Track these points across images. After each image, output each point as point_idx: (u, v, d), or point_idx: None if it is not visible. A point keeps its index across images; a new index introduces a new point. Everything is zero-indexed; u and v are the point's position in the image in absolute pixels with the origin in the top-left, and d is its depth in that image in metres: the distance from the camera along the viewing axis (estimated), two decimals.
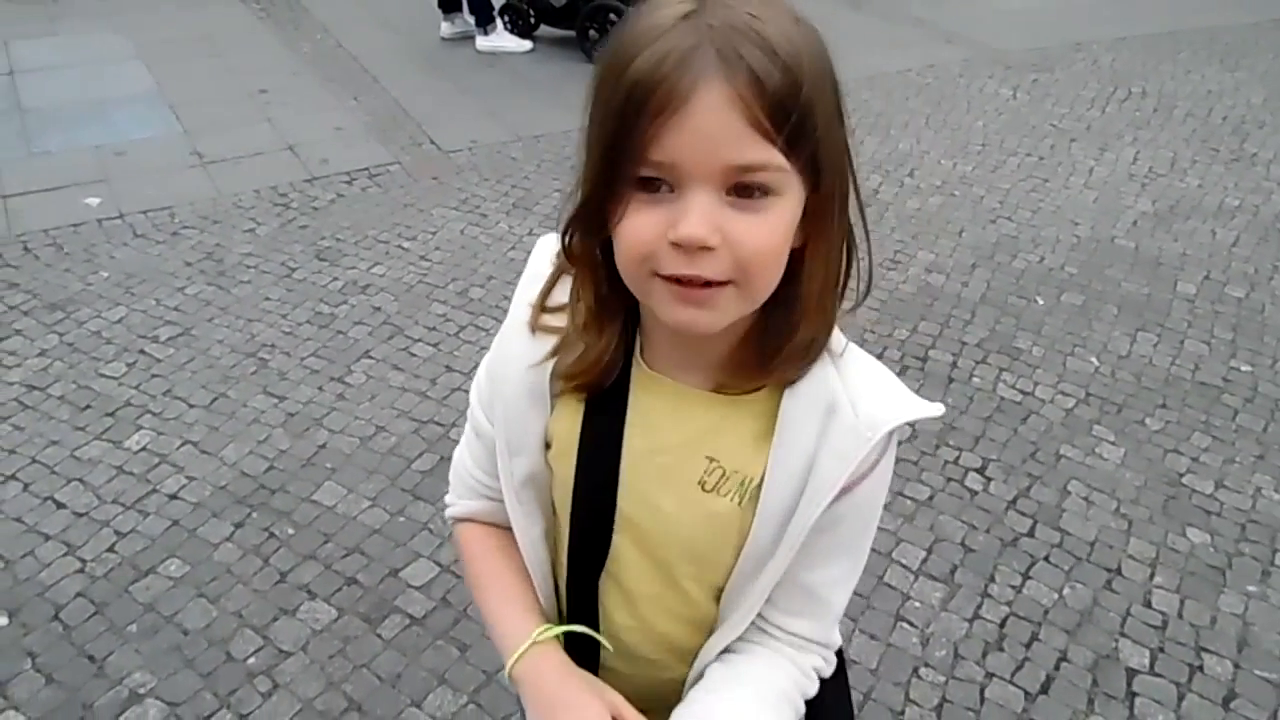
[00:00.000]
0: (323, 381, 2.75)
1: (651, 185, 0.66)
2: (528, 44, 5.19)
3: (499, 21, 5.14)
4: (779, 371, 0.76)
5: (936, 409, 0.79)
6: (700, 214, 0.65)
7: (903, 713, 1.93)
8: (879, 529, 2.40)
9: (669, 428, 0.80)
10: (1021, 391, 2.83)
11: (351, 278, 3.23)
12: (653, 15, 0.66)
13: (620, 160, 0.65)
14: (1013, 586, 2.21)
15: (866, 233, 0.77)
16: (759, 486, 0.78)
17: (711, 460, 0.79)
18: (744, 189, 0.65)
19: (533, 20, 5.24)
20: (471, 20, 5.14)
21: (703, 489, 0.80)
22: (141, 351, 2.83)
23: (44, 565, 2.16)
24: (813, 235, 0.71)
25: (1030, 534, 2.35)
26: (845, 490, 0.77)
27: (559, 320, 0.80)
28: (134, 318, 2.98)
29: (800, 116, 0.64)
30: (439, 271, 3.28)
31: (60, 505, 2.31)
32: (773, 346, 0.75)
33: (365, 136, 4.18)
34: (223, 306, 3.05)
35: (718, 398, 0.79)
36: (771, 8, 0.66)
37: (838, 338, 0.78)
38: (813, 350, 0.76)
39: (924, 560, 2.26)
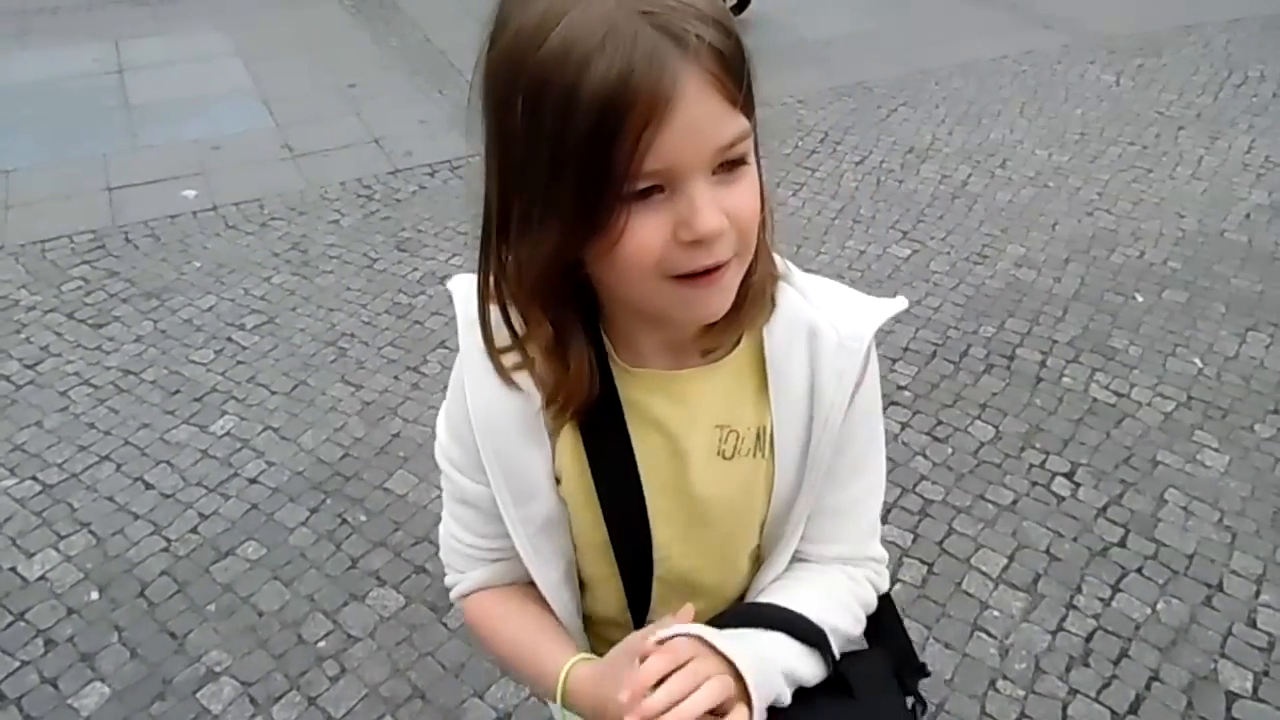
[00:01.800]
0: (399, 371, 2.79)
1: (645, 194, 0.63)
2: None
3: None
4: (751, 314, 0.75)
5: (900, 303, 0.80)
6: (708, 204, 0.63)
7: None
8: (958, 534, 2.32)
9: (672, 415, 0.79)
10: (1116, 393, 2.68)
11: (430, 269, 3.27)
12: (570, 12, 0.60)
13: (607, 182, 0.61)
14: (1101, 599, 2.09)
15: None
16: (771, 433, 0.79)
17: (722, 428, 0.79)
18: (729, 165, 0.65)
19: None
20: None
21: (724, 458, 0.79)
22: (228, 339, 2.93)
23: (132, 543, 2.24)
24: None
25: (1122, 544, 2.22)
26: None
27: (517, 357, 0.76)
28: (223, 306, 3.08)
29: (750, 81, 0.64)
30: None
31: (149, 486, 2.40)
32: (739, 294, 0.73)
33: (448, 129, 4.24)
34: (306, 296, 3.13)
35: (706, 369, 0.78)
36: None
37: (779, 262, 0.79)
38: (767, 284, 0.76)
39: (1005, 568, 2.16)
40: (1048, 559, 2.19)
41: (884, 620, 0.92)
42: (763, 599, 0.84)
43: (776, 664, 0.76)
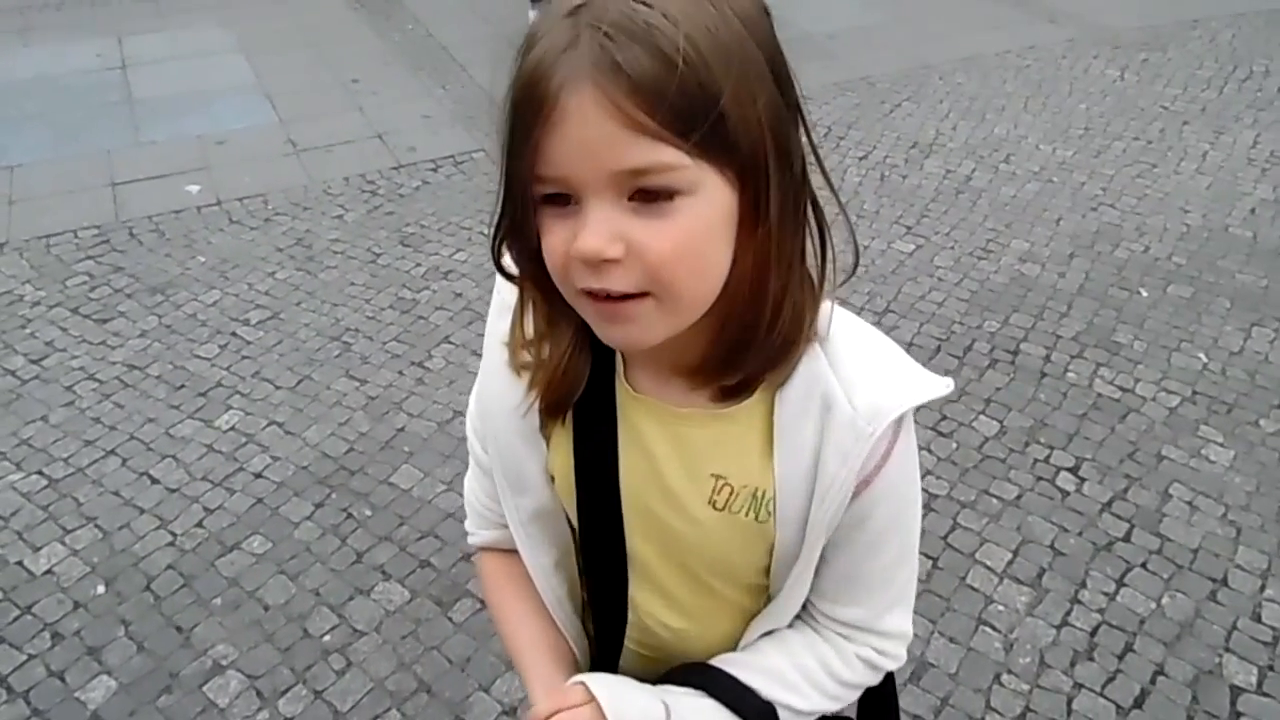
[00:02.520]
0: (403, 366, 2.79)
1: (558, 199, 0.62)
2: None
3: None
4: (752, 374, 0.70)
5: (943, 386, 0.72)
6: (594, 226, 0.60)
7: None
8: (962, 528, 2.31)
9: (666, 451, 0.76)
10: (1120, 388, 2.68)
11: (434, 264, 3.27)
12: (549, 11, 0.61)
13: (517, 176, 0.62)
14: (1105, 593, 2.09)
15: (842, 208, 0.71)
16: (773, 499, 0.74)
17: (718, 478, 0.75)
18: (644, 194, 0.60)
19: None
20: None
21: (714, 508, 0.76)
22: (233, 334, 2.93)
23: (138, 537, 2.25)
24: (748, 223, 0.64)
25: (1126, 539, 2.22)
26: (863, 484, 0.72)
27: (529, 356, 0.75)
28: (227, 301, 3.08)
29: (691, 107, 0.57)
30: None
31: (154, 480, 2.41)
32: (730, 350, 0.69)
33: (452, 124, 4.24)
34: (310, 291, 3.13)
35: (710, 414, 0.74)
36: None
37: (823, 319, 0.71)
38: (781, 346, 0.69)
39: (1009, 562, 2.16)
40: (1052, 553, 2.19)
41: (878, 697, 0.90)
42: (721, 661, 0.82)
43: None
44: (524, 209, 0.64)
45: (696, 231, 0.61)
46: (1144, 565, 2.16)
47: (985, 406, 2.62)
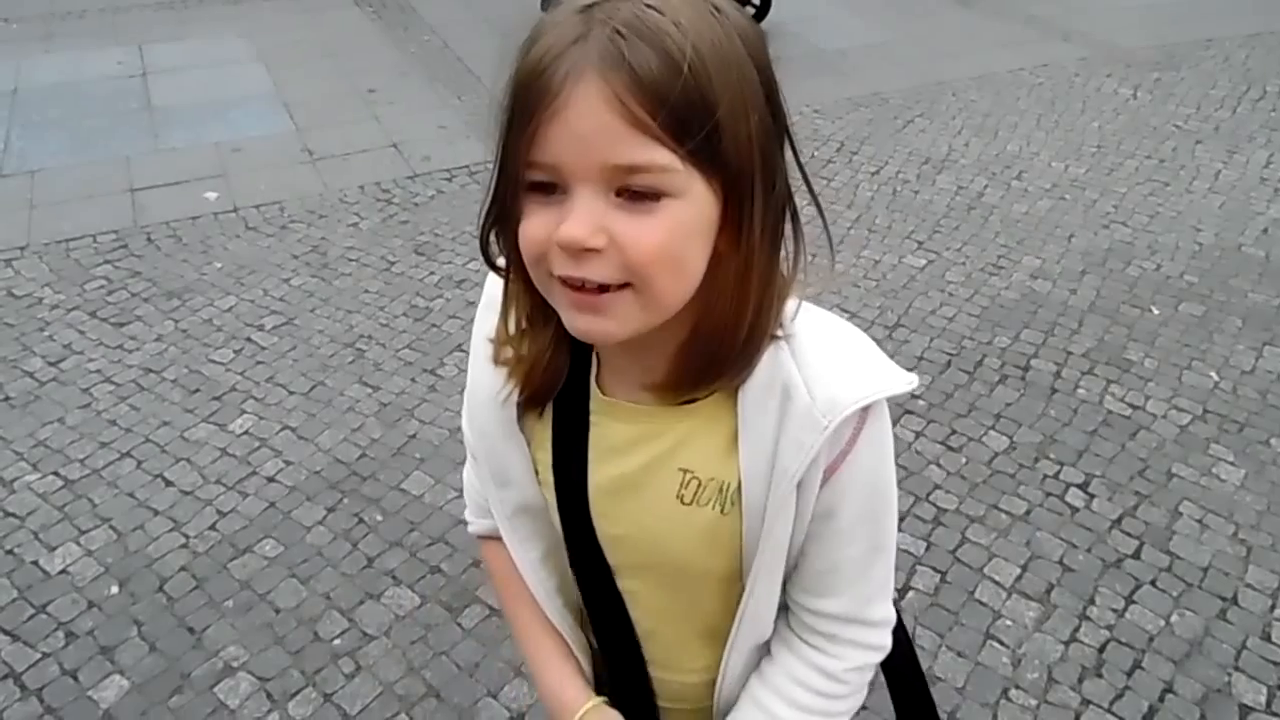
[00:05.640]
0: (416, 373, 2.81)
1: (545, 187, 0.64)
2: None
3: None
4: (718, 376, 0.72)
5: (907, 382, 0.73)
6: (581, 216, 0.62)
7: None
8: (971, 543, 2.31)
9: (634, 449, 0.78)
10: (1131, 405, 2.68)
11: (447, 272, 3.30)
12: (559, 8, 0.64)
13: (511, 162, 0.64)
14: (1114, 610, 2.09)
15: (820, 209, 0.73)
16: (738, 491, 0.75)
17: (685, 472, 0.77)
18: (631, 190, 0.62)
19: None
20: None
21: (682, 503, 0.77)
22: (248, 339, 2.96)
23: (152, 539, 2.27)
24: (728, 235, 0.66)
25: (1136, 556, 2.22)
26: (830, 472, 0.73)
27: (511, 352, 0.77)
28: (242, 307, 3.11)
29: (691, 113, 0.60)
30: None
31: (169, 483, 2.43)
32: (701, 352, 0.71)
33: (467, 135, 4.27)
34: (324, 298, 3.16)
35: (678, 410, 0.75)
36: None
37: (787, 316, 0.73)
38: (749, 349, 0.71)
39: (1018, 578, 2.16)
40: (1061, 569, 2.19)
41: (900, 676, 0.92)
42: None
43: None
44: (513, 194, 0.66)
45: (677, 234, 0.63)
46: (1153, 583, 2.15)
47: (995, 422, 2.62)
